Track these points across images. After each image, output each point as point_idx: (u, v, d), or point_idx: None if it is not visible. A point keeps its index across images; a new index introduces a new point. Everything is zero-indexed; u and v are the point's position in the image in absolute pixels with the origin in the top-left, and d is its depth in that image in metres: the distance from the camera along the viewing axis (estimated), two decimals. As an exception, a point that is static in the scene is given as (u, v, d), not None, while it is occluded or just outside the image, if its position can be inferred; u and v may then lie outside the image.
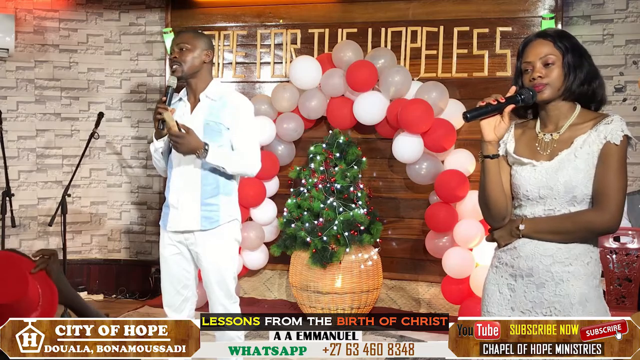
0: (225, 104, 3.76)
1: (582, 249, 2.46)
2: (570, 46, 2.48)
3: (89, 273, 6.83)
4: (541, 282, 2.47)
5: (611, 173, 2.39)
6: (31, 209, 6.61)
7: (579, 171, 2.42)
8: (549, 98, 2.50)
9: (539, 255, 2.47)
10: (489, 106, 2.47)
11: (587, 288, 2.44)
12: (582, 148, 2.43)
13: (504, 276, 2.57)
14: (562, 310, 2.43)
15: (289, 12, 6.41)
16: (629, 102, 5.57)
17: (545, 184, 2.46)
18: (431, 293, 6.00)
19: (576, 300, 2.42)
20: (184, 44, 3.76)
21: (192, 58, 3.76)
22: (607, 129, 2.41)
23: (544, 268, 2.46)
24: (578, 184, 2.42)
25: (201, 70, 3.80)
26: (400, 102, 5.65)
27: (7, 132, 6.28)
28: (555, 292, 2.45)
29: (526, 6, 5.79)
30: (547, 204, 2.48)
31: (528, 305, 2.49)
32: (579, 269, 2.44)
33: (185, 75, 3.78)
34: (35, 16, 6.58)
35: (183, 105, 3.85)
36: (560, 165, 2.45)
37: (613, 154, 2.40)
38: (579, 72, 2.46)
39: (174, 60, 3.77)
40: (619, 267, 4.62)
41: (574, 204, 2.45)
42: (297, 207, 5.74)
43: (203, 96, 3.79)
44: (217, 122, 3.74)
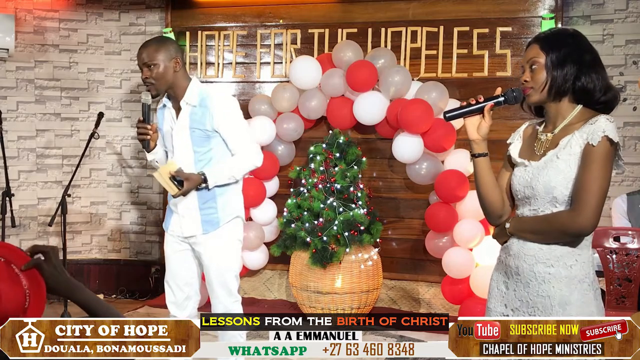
0: (206, 109, 3.72)
1: (564, 251, 2.43)
2: (556, 45, 2.46)
3: (89, 273, 6.82)
4: (526, 282, 2.48)
5: (588, 175, 2.35)
6: (31, 209, 6.61)
7: (559, 172, 2.41)
8: (535, 101, 2.50)
9: (523, 254, 2.49)
10: (468, 106, 2.53)
11: (568, 291, 2.41)
12: (565, 149, 2.42)
13: (500, 273, 2.61)
14: (543, 310, 2.44)
15: (289, 12, 6.41)
16: (629, 102, 5.56)
17: (529, 184, 2.47)
18: (431, 293, 6.01)
19: (556, 302, 2.42)
20: (150, 61, 3.68)
21: (162, 73, 3.69)
22: (589, 129, 2.38)
23: (528, 268, 2.47)
24: (557, 185, 2.41)
25: (175, 80, 3.75)
26: (400, 102, 5.65)
27: (7, 132, 6.28)
28: (538, 293, 2.45)
29: (526, 6, 5.79)
30: (531, 204, 2.49)
31: (517, 303, 2.51)
32: (560, 271, 2.42)
33: (161, 92, 3.76)
34: (35, 16, 6.58)
35: (168, 112, 3.83)
36: (545, 165, 2.45)
37: (591, 155, 2.36)
38: (560, 70, 2.43)
39: (146, 81, 3.71)
40: (619, 267, 4.61)
41: (555, 205, 2.43)
42: (297, 207, 5.74)
43: (184, 103, 3.75)
44: (202, 128, 3.72)
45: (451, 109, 2.58)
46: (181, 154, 3.76)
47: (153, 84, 3.70)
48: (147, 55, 3.69)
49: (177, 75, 3.74)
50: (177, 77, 3.74)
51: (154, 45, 3.72)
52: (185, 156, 3.75)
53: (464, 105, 2.54)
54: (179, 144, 3.77)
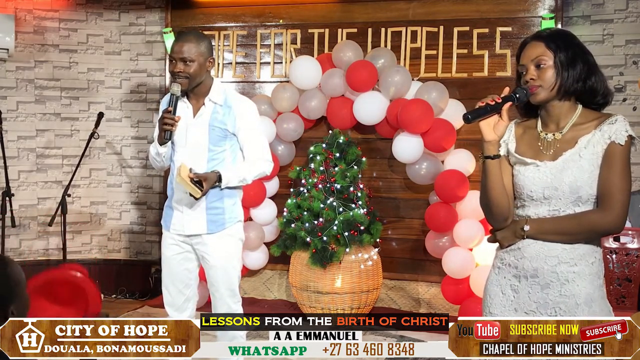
0: (230, 109, 3.74)
1: (586, 249, 2.45)
2: (563, 44, 2.46)
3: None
4: (546, 283, 2.45)
5: (616, 173, 2.38)
6: (31, 209, 6.61)
7: (584, 171, 2.41)
8: (543, 99, 2.49)
9: (544, 256, 2.46)
10: (488, 106, 2.46)
11: (592, 288, 2.43)
12: (587, 148, 2.42)
13: (507, 277, 2.55)
14: (567, 310, 2.42)
15: (289, 12, 6.41)
16: (629, 102, 5.56)
17: (550, 184, 2.45)
18: (431, 293, 6.00)
19: (582, 301, 2.41)
20: (189, 56, 3.66)
21: (198, 71, 3.69)
22: (611, 129, 2.40)
23: (549, 269, 2.45)
24: (583, 184, 2.41)
25: (204, 78, 3.77)
26: (400, 102, 5.65)
27: (7, 132, 6.28)
28: (561, 293, 2.44)
29: (526, 6, 5.79)
30: (551, 204, 2.47)
31: (532, 306, 2.48)
32: (584, 269, 2.43)
33: (191, 88, 3.75)
34: (35, 16, 6.58)
35: (185, 107, 3.80)
36: (565, 165, 2.44)
37: (617, 154, 2.39)
38: (571, 70, 2.44)
39: (180, 74, 3.68)
40: (619, 267, 4.63)
41: (578, 205, 2.43)
42: (297, 207, 5.74)
43: (207, 100, 3.76)
44: (222, 127, 3.73)
45: (471, 110, 2.49)
46: (194, 150, 3.75)
47: (187, 78, 3.68)
48: (187, 50, 3.66)
49: (207, 74, 3.78)
50: (207, 75, 3.77)
51: (195, 42, 3.70)
52: (199, 153, 3.74)
53: (483, 106, 2.46)
54: (193, 140, 3.76)
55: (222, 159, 3.76)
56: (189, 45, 3.68)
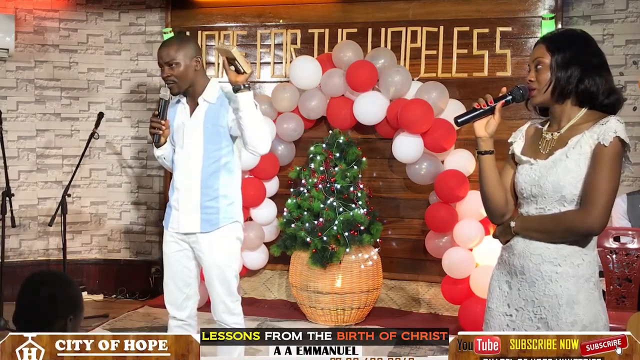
0: (223, 102, 3.76)
1: (571, 250, 2.44)
2: (563, 46, 2.46)
3: (89, 273, 6.83)
4: (532, 281, 2.48)
5: (599, 175, 2.36)
6: (31, 209, 6.62)
7: (568, 171, 2.41)
8: (540, 102, 2.52)
9: (529, 253, 2.48)
10: (480, 109, 2.52)
11: (575, 290, 2.42)
12: (575, 148, 2.42)
13: (503, 273, 2.61)
14: (550, 310, 2.44)
15: (289, 12, 6.40)
16: (629, 102, 5.56)
17: (537, 182, 2.47)
18: (431, 293, 6.01)
19: (564, 302, 2.42)
20: (171, 60, 3.71)
21: (184, 72, 3.73)
22: (600, 129, 2.39)
23: (534, 267, 2.47)
24: (566, 184, 2.41)
25: (195, 78, 3.79)
26: (400, 102, 5.65)
27: (7, 132, 6.27)
28: (545, 292, 2.45)
29: (526, 6, 5.78)
30: (538, 202, 2.49)
31: (521, 302, 2.51)
32: (568, 270, 2.43)
33: (182, 90, 3.79)
34: (35, 16, 6.57)
35: (182, 107, 3.85)
36: (553, 164, 2.45)
37: (602, 155, 2.36)
38: (564, 72, 2.43)
39: (168, 79, 3.74)
40: (619, 267, 4.62)
41: (563, 204, 2.43)
42: (297, 207, 5.75)
43: (201, 100, 3.79)
44: (217, 124, 3.75)
45: (461, 113, 2.56)
46: (191, 150, 3.78)
47: (175, 82, 3.73)
48: (168, 54, 3.72)
49: (197, 74, 3.79)
50: (197, 75, 3.79)
51: (175, 45, 3.76)
52: (195, 152, 3.77)
53: (475, 108, 2.53)
54: (189, 140, 3.79)
55: (219, 157, 3.78)
56: (171, 48, 3.74)
